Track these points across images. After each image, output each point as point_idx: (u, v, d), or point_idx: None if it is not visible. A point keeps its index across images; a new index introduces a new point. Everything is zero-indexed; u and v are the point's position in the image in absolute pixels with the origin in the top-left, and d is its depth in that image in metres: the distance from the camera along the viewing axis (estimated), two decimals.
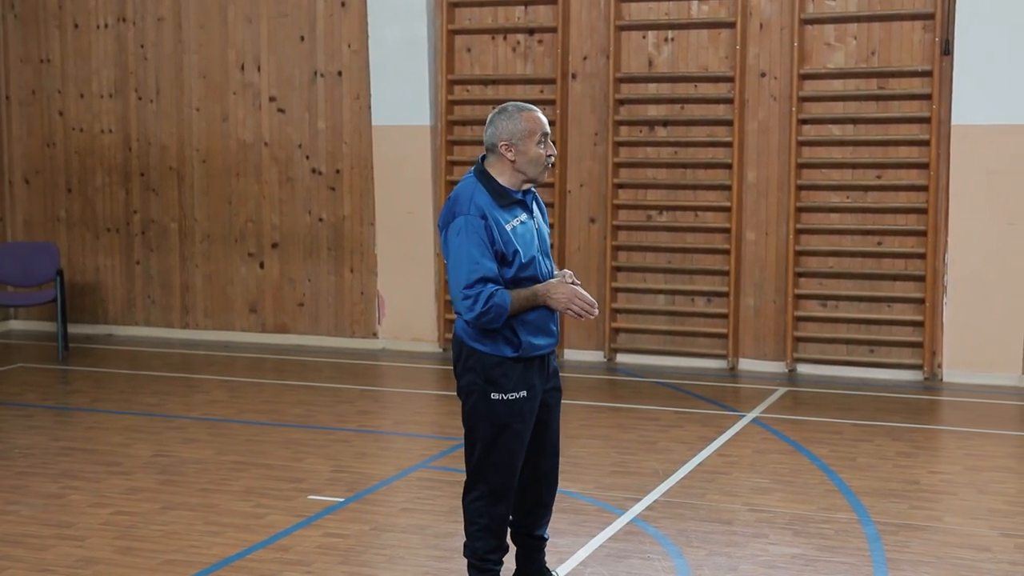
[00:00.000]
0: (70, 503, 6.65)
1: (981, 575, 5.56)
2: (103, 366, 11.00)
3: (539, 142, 4.79)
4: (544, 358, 4.94)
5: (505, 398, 4.79)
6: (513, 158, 4.78)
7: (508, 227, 4.75)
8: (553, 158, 4.86)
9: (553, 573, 5.25)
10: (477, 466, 4.89)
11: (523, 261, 4.77)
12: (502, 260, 4.73)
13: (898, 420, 8.78)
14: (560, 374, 5.17)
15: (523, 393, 4.82)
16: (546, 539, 5.21)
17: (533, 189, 4.96)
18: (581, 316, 4.81)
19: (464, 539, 5.02)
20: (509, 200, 4.81)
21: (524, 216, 4.86)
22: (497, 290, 4.67)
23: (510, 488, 4.93)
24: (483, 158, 4.88)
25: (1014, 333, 9.84)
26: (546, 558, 5.26)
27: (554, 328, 4.92)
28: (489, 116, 4.88)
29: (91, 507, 6.57)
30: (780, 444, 8.04)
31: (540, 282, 4.84)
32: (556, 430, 5.13)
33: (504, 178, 4.82)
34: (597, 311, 4.85)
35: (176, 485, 7.00)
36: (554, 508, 5.23)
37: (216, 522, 6.30)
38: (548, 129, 4.84)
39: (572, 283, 4.85)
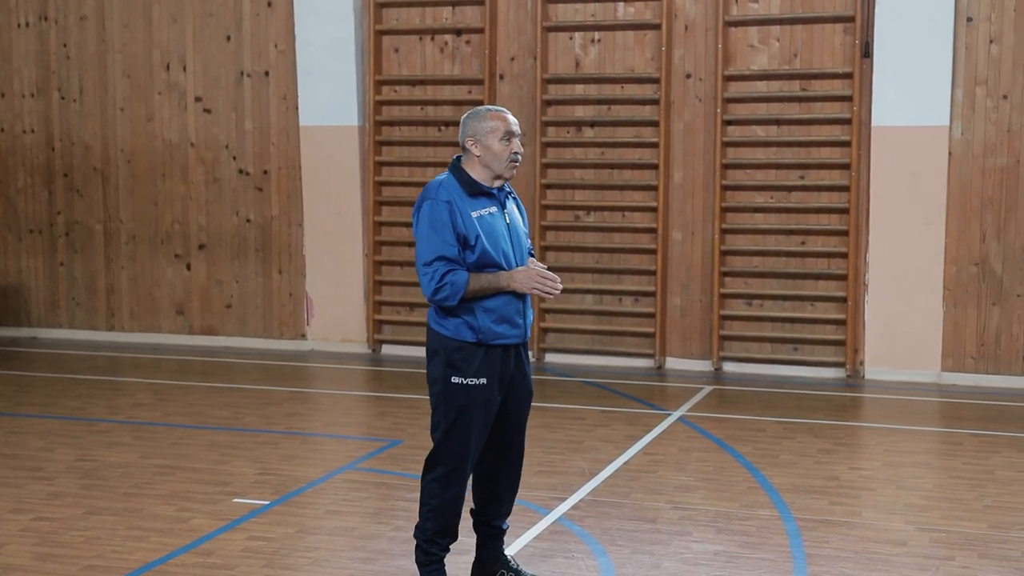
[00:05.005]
0: None
1: (897, 568, 5.68)
2: (26, 370, 10.84)
3: (502, 139, 5.01)
4: (510, 351, 5.09)
5: (464, 383, 4.98)
6: (479, 153, 5.03)
7: (474, 215, 4.97)
8: (519, 156, 5.06)
9: (511, 561, 5.35)
10: (436, 448, 5.08)
11: (486, 247, 4.95)
12: (464, 243, 4.93)
13: (820, 417, 8.92)
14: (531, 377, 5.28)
15: (483, 380, 4.99)
16: (504, 529, 5.36)
17: (509, 188, 5.16)
18: (549, 294, 5.00)
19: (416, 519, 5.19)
20: (477, 190, 5.02)
21: (493, 208, 5.06)
22: (453, 269, 4.89)
23: (464, 474, 5.10)
24: (459, 157, 5.12)
25: (933, 331, 10.04)
26: (505, 548, 5.41)
27: (520, 321, 5.08)
28: (462, 117, 5.13)
29: (10, 513, 6.47)
30: (705, 442, 8.14)
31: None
32: (522, 431, 5.30)
33: (475, 173, 5.06)
34: (561, 285, 5.04)
35: (99, 490, 6.92)
36: None
37: (139, 527, 6.25)
38: (514, 129, 5.05)
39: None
